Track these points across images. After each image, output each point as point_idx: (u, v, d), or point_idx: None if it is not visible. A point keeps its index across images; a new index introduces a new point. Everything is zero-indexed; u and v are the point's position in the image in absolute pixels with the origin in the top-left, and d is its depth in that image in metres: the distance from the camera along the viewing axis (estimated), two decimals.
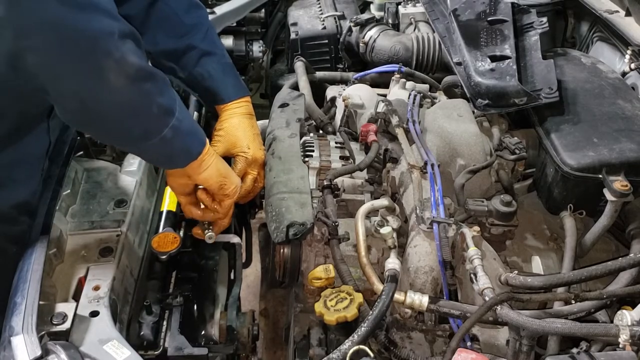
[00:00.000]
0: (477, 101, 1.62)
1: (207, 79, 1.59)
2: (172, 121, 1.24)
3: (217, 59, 1.61)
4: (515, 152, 1.61)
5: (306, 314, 1.42)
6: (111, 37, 1.10)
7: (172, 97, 1.27)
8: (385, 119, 1.68)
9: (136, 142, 1.29)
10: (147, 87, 1.20)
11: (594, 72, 1.73)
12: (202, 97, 1.66)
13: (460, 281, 1.36)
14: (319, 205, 1.47)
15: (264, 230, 1.99)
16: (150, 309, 1.32)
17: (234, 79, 1.66)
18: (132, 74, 1.15)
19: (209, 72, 1.59)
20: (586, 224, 1.50)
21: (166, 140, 1.26)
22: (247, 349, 1.46)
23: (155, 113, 1.23)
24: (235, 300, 1.48)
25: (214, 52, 1.61)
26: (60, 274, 1.30)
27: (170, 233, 1.45)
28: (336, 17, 2.47)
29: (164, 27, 1.55)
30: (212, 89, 1.61)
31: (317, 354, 1.29)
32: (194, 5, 1.61)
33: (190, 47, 1.57)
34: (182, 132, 1.29)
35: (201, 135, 1.37)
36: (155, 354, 1.27)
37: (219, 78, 1.61)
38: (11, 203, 1.35)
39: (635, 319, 1.11)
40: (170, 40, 1.56)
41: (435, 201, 1.38)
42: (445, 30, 1.95)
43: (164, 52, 1.57)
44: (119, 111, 1.20)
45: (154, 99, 1.22)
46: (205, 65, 1.59)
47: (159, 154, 1.34)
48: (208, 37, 1.61)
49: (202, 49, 1.58)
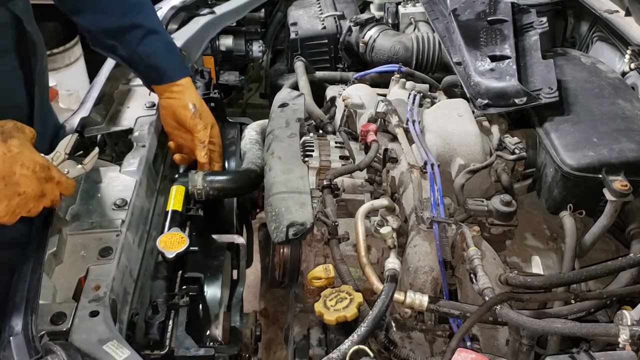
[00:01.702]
0: (477, 101, 1.62)
1: (151, 57, 1.59)
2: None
3: (161, 38, 1.62)
4: (515, 152, 1.61)
5: (306, 314, 1.42)
6: None
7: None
8: (385, 118, 1.68)
9: None
10: None
11: (594, 72, 1.73)
12: (144, 76, 1.65)
13: (460, 281, 1.36)
14: (319, 205, 1.47)
15: (264, 230, 1.99)
16: (157, 308, 1.32)
17: (178, 59, 1.68)
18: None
19: (154, 51, 1.59)
20: (586, 224, 1.50)
21: None
22: (250, 349, 1.47)
23: None
24: (239, 301, 1.48)
25: (158, 30, 1.62)
26: (60, 273, 1.30)
27: (177, 233, 1.45)
28: (336, 17, 2.47)
29: (104, 4, 1.54)
30: (157, 67, 1.61)
31: (317, 354, 1.29)
32: None
33: (135, 25, 1.56)
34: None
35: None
36: (161, 353, 1.27)
37: (163, 57, 1.62)
38: None
39: (635, 318, 1.11)
40: (112, 18, 1.55)
41: (435, 201, 1.38)
42: (445, 30, 1.95)
43: (105, 31, 1.56)
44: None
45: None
46: (150, 43, 1.59)
47: None
48: (152, 16, 1.62)
49: (147, 27, 1.58)
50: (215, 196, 1.65)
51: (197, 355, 1.26)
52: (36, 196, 1.26)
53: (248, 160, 1.79)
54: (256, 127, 2.01)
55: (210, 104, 2.05)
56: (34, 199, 1.25)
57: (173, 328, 1.31)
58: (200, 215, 1.65)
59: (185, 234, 1.46)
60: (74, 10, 1.48)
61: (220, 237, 1.63)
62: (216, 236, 1.62)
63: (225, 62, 2.68)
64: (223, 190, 1.65)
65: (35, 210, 1.27)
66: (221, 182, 1.65)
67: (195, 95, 1.68)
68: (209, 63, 2.45)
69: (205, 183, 1.62)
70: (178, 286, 1.42)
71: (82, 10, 1.50)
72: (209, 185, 1.63)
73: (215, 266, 1.50)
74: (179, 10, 2.30)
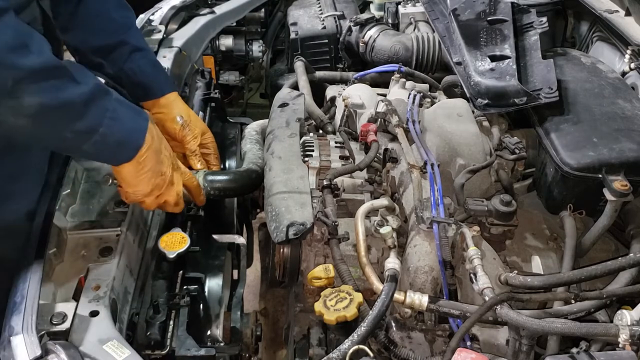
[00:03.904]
0: (477, 101, 1.62)
1: (137, 74, 1.62)
2: (95, 137, 1.21)
3: (147, 55, 1.65)
4: (515, 152, 1.61)
5: (306, 314, 1.42)
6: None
7: (96, 116, 1.20)
8: (385, 118, 1.68)
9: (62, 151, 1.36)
10: (55, 120, 1.17)
11: (594, 72, 1.73)
12: (131, 93, 1.67)
13: (460, 281, 1.36)
14: (319, 205, 1.47)
15: (264, 229, 1.99)
16: (158, 308, 1.32)
17: (164, 75, 1.72)
18: (33, 113, 1.11)
19: (140, 68, 1.62)
20: (586, 224, 1.50)
21: (95, 147, 1.24)
22: (251, 349, 1.47)
23: (70, 137, 1.21)
24: (239, 301, 1.48)
25: (144, 48, 1.65)
26: (60, 273, 1.30)
27: (178, 233, 1.46)
28: (336, 17, 2.47)
29: (93, 24, 1.56)
30: (144, 84, 1.64)
31: (317, 354, 1.29)
32: (123, 5, 1.63)
33: (122, 42, 1.59)
34: (111, 140, 1.25)
35: (137, 125, 1.33)
36: (162, 353, 1.27)
37: (149, 73, 1.64)
38: (13, 216, 1.35)
39: (634, 318, 1.11)
40: (100, 36, 1.57)
41: (435, 201, 1.38)
42: (445, 30, 1.95)
43: (92, 49, 1.58)
44: (29, 138, 1.25)
45: (65, 128, 1.18)
46: (136, 60, 1.61)
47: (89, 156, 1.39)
48: (138, 35, 1.65)
49: (133, 45, 1.60)
50: (216, 196, 1.65)
51: (198, 355, 1.26)
52: (171, 181, 1.40)
53: (249, 160, 1.79)
54: (256, 127, 2.01)
55: (211, 104, 2.06)
56: (169, 183, 1.39)
57: (174, 328, 1.31)
58: (201, 215, 1.66)
59: (186, 234, 1.47)
60: (63, 29, 1.50)
61: (221, 237, 1.63)
62: (217, 236, 1.63)
63: (225, 62, 2.68)
64: (224, 190, 1.65)
65: (164, 198, 1.41)
66: (222, 182, 1.65)
67: (183, 107, 1.70)
68: (209, 63, 2.45)
69: (206, 183, 1.62)
70: (179, 286, 1.42)
71: (72, 29, 1.52)
72: (210, 185, 1.63)
73: (216, 266, 1.51)
74: (179, 10, 2.30)
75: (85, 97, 1.18)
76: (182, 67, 2.09)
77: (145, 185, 1.36)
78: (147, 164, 1.33)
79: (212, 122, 2.02)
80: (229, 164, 1.93)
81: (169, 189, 1.43)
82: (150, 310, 1.32)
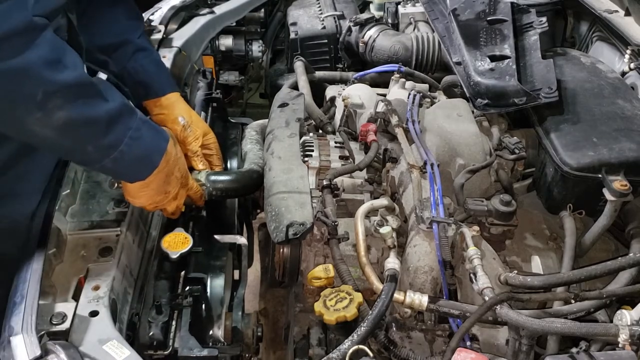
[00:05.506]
0: (477, 101, 1.62)
1: (140, 73, 1.64)
2: (115, 154, 1.24)
3: (150, 55, 1.67)
4: (514, 152, 1.61)
5: (306, 314, 1.42)
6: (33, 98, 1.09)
7: (119, 133, 1.24)
8: (384, 118, 1.68)
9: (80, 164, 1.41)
10: (80, 134, 1.20)
11: (594, 72, 1.73)
12: (133, 92, 1.68)
13: (459, 281, 1.36)
14: (319, 205, 1.47)
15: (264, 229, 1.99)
16: (161, 308, 1.32)
17: (166, 75, 1.73)
18: (59, 126, 1.14)
19: (142, 67, 1.64)
20: (586, 224, 1.50)
21: (113, 163, 1.27)
22: (251, 349, 1.47)
23: (92, 151, 1.24)
24: (241, 302, 1.48)
25: (147, 48, 1.67)
26: (60, 273, 1.30)
27: (181, 233, 1.46)
28: (336, 17, 2.47)
29: (100, 26, 1.59)
30: (145, 82, 1.65)
31: (317, 354, 1.29)
32: (132, 15, 1.67)
33: (125, 41, 1.61)
34: (128, 158, 1.28)
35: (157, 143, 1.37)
36: (164, 354, 1.27)
37: (153, 73, 1.66)
38: (18, 215, 1.36)
39: (634, 318, 1.11)
40: (105, 36, 1.60)
41: (435, 201, 1.38)
42: (444, 30, 1.95)
43: (98, 47, 1.60)
44: (50, 149, 1.30)
45: (89, 142, 1.22)
46: (139, 60, 1.63)
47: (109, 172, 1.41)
48: (142, 35, 1.67)
49: (137, 44, 1.63)
50: (218, 196, 1.65)
51: (201, 355, 1.26)
52: (174, 197, 1.47)
53: (250, 161, 1.79)
54: (256, 127, 2.01)
55: (212, 104, 2.06)
56: (172, 199, 1.47)
57: (176, 328, 1.31)
58: (203, 215, 1.66)
59: (188, 234, 1.47)
60: None
61: (222, 237, 1.63)
62: (218, 236, 1.62)
63: (225, 62, 2.68)
64: (226, 190, 1.65)
65: (163, 207, 1.48)
66: (224, 182, 1.65)
67: (184, 108, 1.71)
68: (208, 63, 2.45)
69: (209, 183, 1.62)
70: (181, 286, 1.42)
71: (79, 27, 1.52)
72: (212, 185, 1.63)
73: (217, 266, 1.51)
74: (179, 10, 2.30)
75: (112, 114, 1.22)
76: (181, 67, 2.09)
77: (146, 200, 1.42)
78: (153, 185, 1.38)
79: (214, 122, 2.02)
80: (230, 164, 1.93)
81: (170, 202, 1.47)
82: (153, 311, 1.32)
